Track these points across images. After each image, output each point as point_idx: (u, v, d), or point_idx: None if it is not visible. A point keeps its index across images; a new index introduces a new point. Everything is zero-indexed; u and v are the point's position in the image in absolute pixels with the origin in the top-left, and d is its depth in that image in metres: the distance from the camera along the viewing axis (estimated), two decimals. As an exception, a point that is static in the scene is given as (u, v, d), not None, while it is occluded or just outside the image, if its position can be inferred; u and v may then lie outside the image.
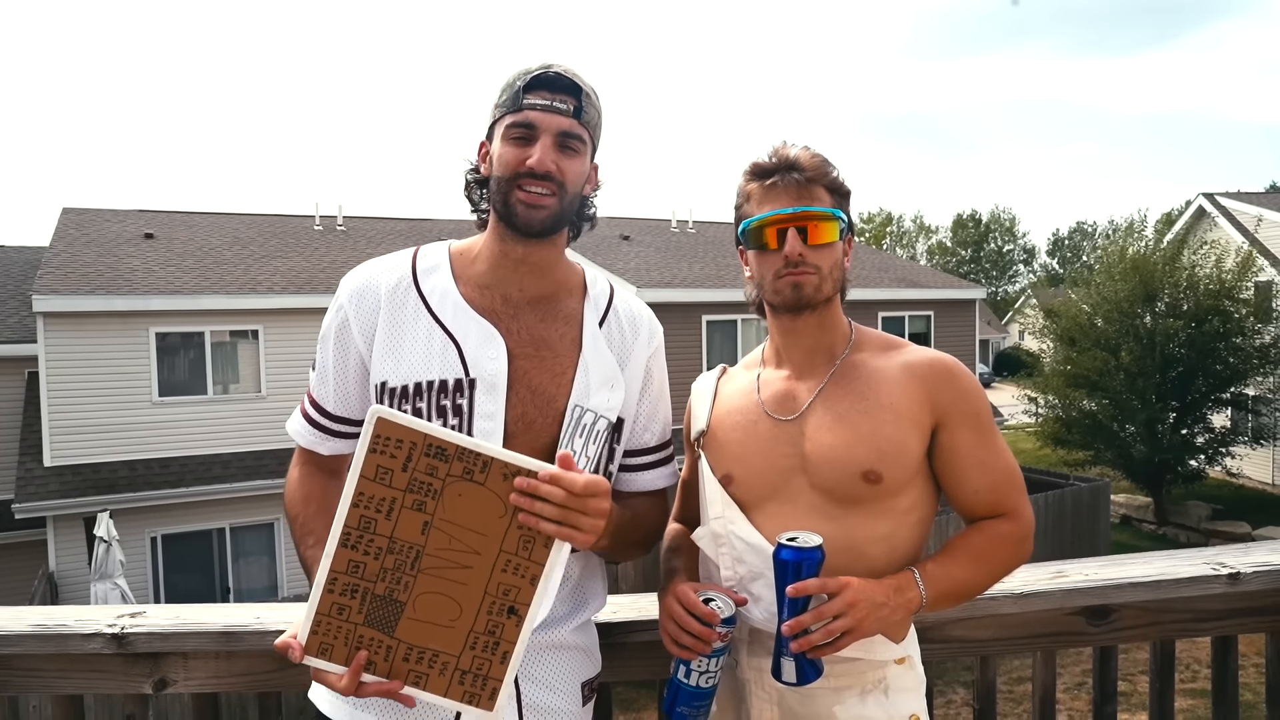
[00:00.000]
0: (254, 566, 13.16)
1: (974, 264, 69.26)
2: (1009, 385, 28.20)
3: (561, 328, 1.46)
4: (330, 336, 1.47)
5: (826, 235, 1.46)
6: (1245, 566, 1.81)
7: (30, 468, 12.00)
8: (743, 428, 1.52)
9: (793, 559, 1.30)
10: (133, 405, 12.51)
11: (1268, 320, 17.22)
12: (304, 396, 1.53)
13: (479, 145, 1.49)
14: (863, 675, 1.43)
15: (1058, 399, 17.88)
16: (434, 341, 1.40)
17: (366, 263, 1.50)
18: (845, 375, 1.49)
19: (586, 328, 1.47)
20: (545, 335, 1.44)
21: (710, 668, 1.39)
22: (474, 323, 1.41)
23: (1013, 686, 9.08)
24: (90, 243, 14.19)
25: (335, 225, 17.26)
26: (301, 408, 1.53)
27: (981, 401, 1.49)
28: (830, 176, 1.48)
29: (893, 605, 1.33)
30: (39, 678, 1.71)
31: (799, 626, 1.28)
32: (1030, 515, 1.48)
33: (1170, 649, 1.88)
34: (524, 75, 1.40)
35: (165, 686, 1.71)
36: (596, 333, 1.48)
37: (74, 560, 11.91)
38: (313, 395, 1.50)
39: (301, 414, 1.52)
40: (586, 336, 1.47)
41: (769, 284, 1.48)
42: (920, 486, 1.47)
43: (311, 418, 1.50)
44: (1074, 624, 1.80)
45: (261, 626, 1.67)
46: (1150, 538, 16.71)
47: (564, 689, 1.44)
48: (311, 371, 1.51)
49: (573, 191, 1.42)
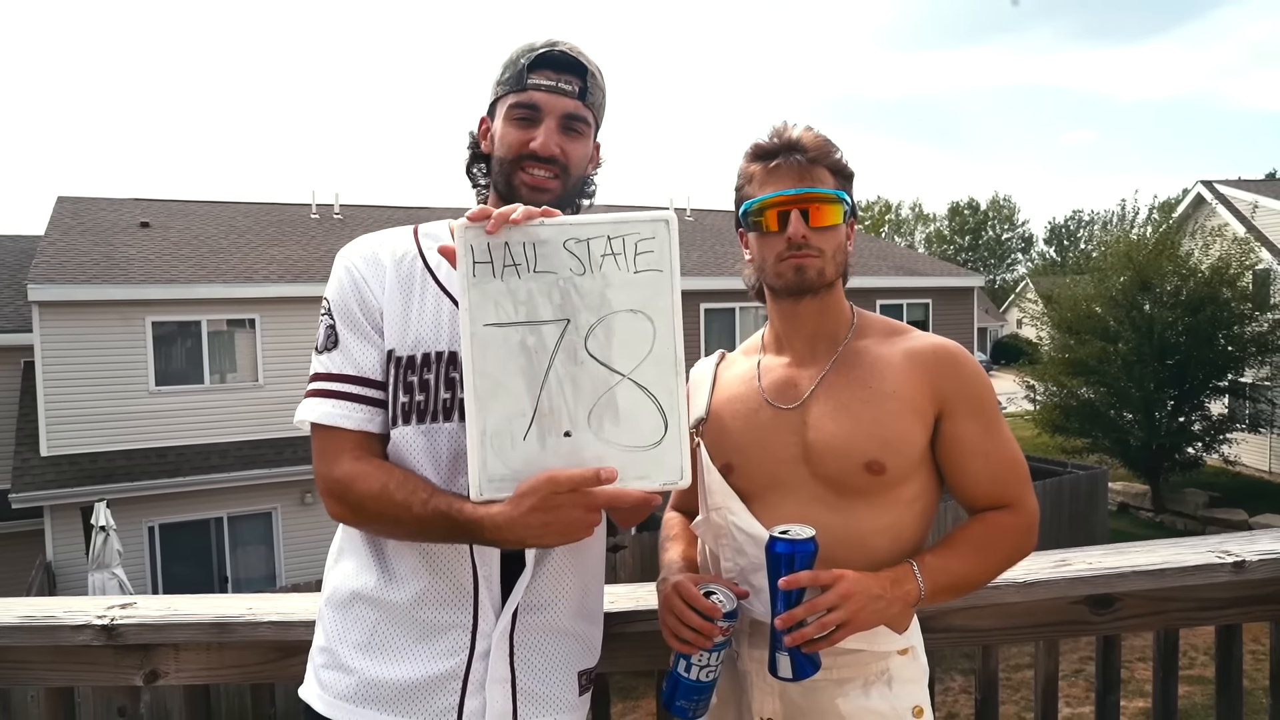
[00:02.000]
0: (252, 556, 13.15)
1: (972, 252, 69.23)
2: (1007, 373, 28.20)
3: None
4: (351, 300, 1.36)
5: (830, 217, 1.43)
6: (1250, 555, 1.79)
7: (27, 457, 11.97)
8: (743, 416, 1.49)
9: (785, 551, 1.27)
10: (129, 395, 12.47)
11: (1265, 308, 17.21)
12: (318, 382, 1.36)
13: (479, 120, 1.47)
14: (865, 666, 1.41)
15: (1056, 386, 17.88)
16: (442, 312, 1.37)
17: (362, 237, 1.46)
18: (848, 362, 1.47)
19: None
20: None
21: (711, 662, 1.37)
22: None
23: (1010, 674, 9.09)
24: (86, 231, 14.12)
25: (332, 214, 17.20)
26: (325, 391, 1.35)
27: (986, 390, 1.46)
28: (833, 158, 1.45)
29: (889, 598, 1.31)
30: (28, 670, 1.69)
31: (792, 620, 1.26)
32: (1034, 506, 1.45)
33: (1174, 638, 1.87)
34: (528, 53, 1.37)
35: (156, 678, 1.69)
36: None
37: (71, 550, 11.89)
38: (345, 372, 1.34)
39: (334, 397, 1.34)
40: None
41: (770, 267, 1.45)
42: (924, 476, 1.44)
43: (357, 395, 1.34)
44: (1077, 613, 1.78)
45: (254, 617, 1.65)
46: (1148, 525, 16.73)
47: (559, 677, 1.42)
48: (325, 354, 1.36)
49: (576, 174, 1.40)
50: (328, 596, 1.42)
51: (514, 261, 1.18)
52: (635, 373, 1.19)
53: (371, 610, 1.36)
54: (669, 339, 1.19)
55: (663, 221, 1.20)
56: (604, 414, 1.19)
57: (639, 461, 1.19)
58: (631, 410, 1.19)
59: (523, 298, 1.18)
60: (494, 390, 1.18)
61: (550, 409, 1.18)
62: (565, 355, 1.18)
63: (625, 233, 1.19)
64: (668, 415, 1.19)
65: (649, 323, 1.19)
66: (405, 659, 1.33)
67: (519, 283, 1.18)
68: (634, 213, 1.21)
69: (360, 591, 1.37)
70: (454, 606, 1.33)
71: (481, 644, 1.34)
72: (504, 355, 1.18)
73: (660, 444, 1.19)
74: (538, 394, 1.18)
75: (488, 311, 1.18)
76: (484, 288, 1.18)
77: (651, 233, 1.20)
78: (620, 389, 1.19)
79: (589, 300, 1.19)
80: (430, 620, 1.33)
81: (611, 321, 1.19)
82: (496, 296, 1.18)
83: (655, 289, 1.19)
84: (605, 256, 1.19)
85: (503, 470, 1.18)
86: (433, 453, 1.34)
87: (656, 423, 1.19)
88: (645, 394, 1.19)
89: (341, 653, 1.36)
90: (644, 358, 1.19)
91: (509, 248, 1.18)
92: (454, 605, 1.33)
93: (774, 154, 1.44)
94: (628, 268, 1.19)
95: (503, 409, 1.18)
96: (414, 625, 1.34)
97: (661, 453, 1.19)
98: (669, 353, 1.19)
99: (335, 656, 1.37)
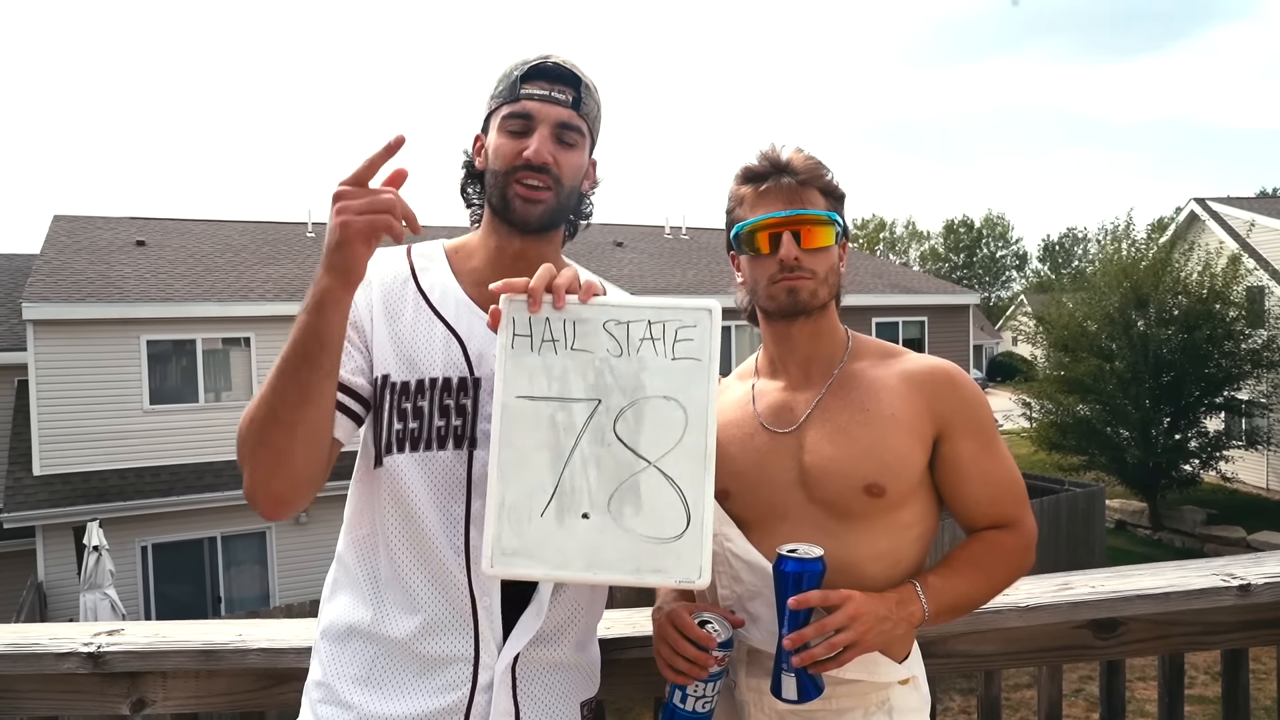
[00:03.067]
0: (245, 575, 13.05)
1: (967, 269, 69.45)
2: (1003, 390, 28.22)
3: None
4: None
5: (821, 239, 1.41)
6: (1256, 578, 1.76)
7: (19, 476, 11.90)
8: (739, 441, 1.47)
9: (794, 570, 1.25)
10: (123, 413, 12.42)
11: (1259, 324, 17.25)
12: None
13: (474, 139, 1.44)
14: (865, 696, 1.38)
15: (1052, 404, 17.88)
16: (435, 337, 1.34)
17: None
18: (844, 385, 1.45)
19: None
20: None
21: (707, 692, 1.34)
22: (479, 320, 1.34)
23: (1010, 693, 9.03)
24: (81, 250, 14.11)
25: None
26: None
27: (984, 410, 1.44)
28: (824, 179, 1.44)
29: (895, 619, 1.30)
30: (12, 699, 1.66)
31: (801, 640, 1.24)
32: (1033, 525, 1.45)
33: (1179, 663, 1.84)
34: (521, 65, 1.36)
35: (144, 707, 1.66)
36: None
37: (63, 570, 11.79)
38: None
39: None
40: None
41: (763, 289, 1.44)
42: (922, 500, 1.42)
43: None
44: (1081, 637, 1.75)
45: (243, 644, 1.62)
46: (1145, 543, 16.69)
47: (563, 710, 1.39)
48: None
49: (569, 185, 1.37)
50: (324, 629, 1.39)
51: (553, 337, 1.18)
52: (662, 461, 1.17)
53: (369, 644, 1.32)
54: (701, 431, 1.17)
55: (705, 310, 1.19)
56: (625, 500, 1.17)
57: (657, 554, 1.16)
58: (654, 500, 1.17)
59: (557, 374, 1.18)
60: (518, 463, 1.17)
61: (572, 488, 1.17)
62: (593, 435, 1.17)
63: (666, 318, 1.19)
64: (691, 509, 1.17)
65: (682, 411, 1.18)
66: (405, 693, 1.29)
67: (555, 359, 1.18)
68: (677, 299, 1.20)
69: (357, 626, 1.33)
70: (454, 639, 1.30)
71: (484, 676, 1.30)
72: (532, 429, 1.17)
73: (681, 538, 1.16)
74: (561, 471, 1.17)
75: (521, 384, 1.18)
76: (520, 360, 1.18)
77: (694, 320, 1.19)
78: (645, 476, 1.17)
79: (623, 383, 1.18)
80: (430, 654, 1.30)
81: (643, 406, 1.18)
82: (531, 370, 1.18)
83: (691, 378, 1.18)
84: (644, 340, 1.18)
85: (516, 543, 1.16)
86: (429, 480, 1.31)
87: (679, 515, 1.17)
88: (670, 484, 1.17)
89: (339, 687, 1.32)
90: (673, 447, 1.17)
91: (549, 323, 1.18)
92: (454, 637, 1.30)
93: (764, 176, 1.43)
94: (665, 354, 1.18)
95: (524, 483, 1.17)
96: (413, 659, 1.30)
97: (681, 547, 1.16)
98: (700, 445, 1.17)
99: (332, 691, 1.33)
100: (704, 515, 1.16)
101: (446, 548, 1.30)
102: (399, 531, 1.31)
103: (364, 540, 1.36)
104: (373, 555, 1.35)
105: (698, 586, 1.17)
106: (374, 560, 1.35)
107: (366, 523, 1.36)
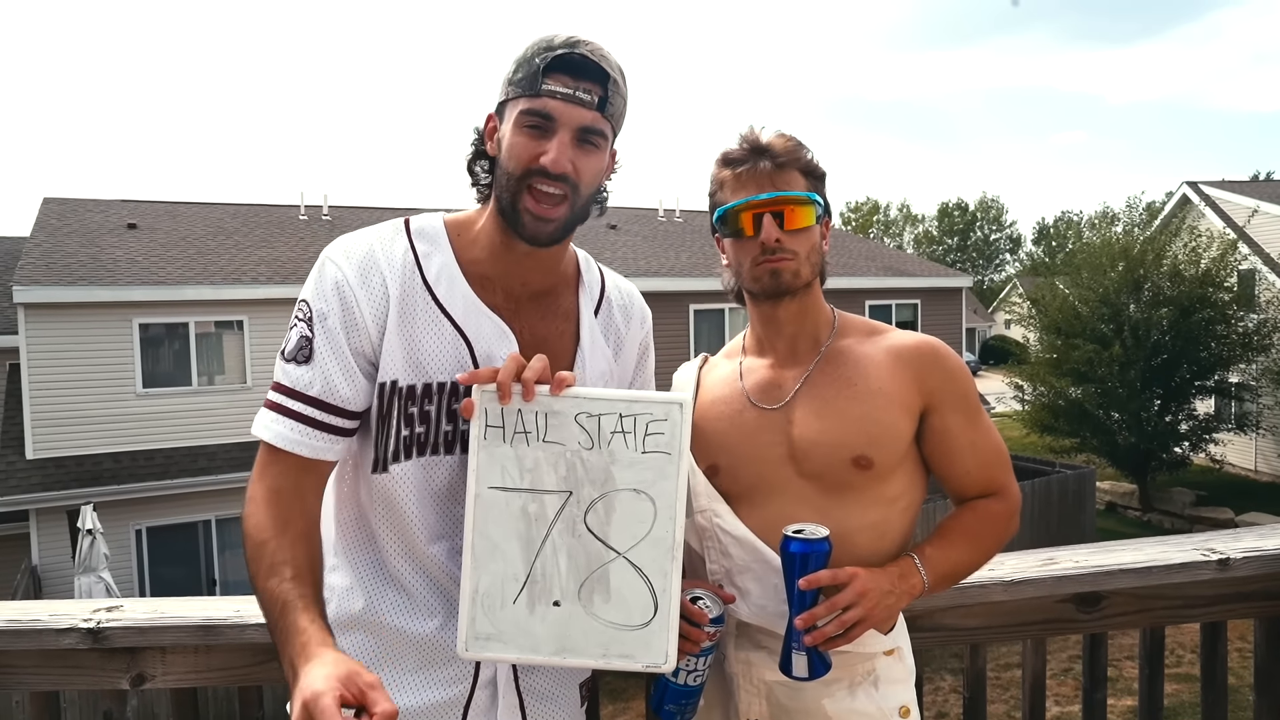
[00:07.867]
0: (240, 558, 12.73)
1: (960, 252, 69.46)
2: (996, 373, 28.31)
3: (561, 324, 1.39)
4: (335, 315, 1.25)
5: (803, 219, 1.43)
6: (1235, 552, 1.80)
7: (12, 460, 11.88)
8: (728, 417, 1.49)
9: (800, 551, 1.28)
10: (116, 397, 12.40)
11: (1250, 308, 17.32)
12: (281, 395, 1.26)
13: (486, 118, 1.34)
14: (852, 668, 1.41)
15: (1045, 387, 17.96)
16: (444, 338, 1.28)
17: (354, 236, 1.32)
18: (831, 361, 1.47)
19: (583, 320, 1.41)
20: (545, 334, 1.37)
21: (698, 666, 1.37)
22: (486, 320, 1.31)
23: (999, 673, 9.12)
24: (72, 233, 14.03)
25: (320, 215, 17.13)
26: (287, 409, 1.24)
27: (968, 383, 1.48)
28: (804, 160, 1.45)
29: (899, 592, 1.33)
30: (13, 674, 1.67)
31: (812, 619, 1.27)
32: (1017, 491, 1.50)
33: (1160, 635, 1.87)
34: (545, 53, 1.24)
35: (143, 682, 1.68)
36: (593, 323, 1.43)
37: (57, 554, 11.81)
38: (311, 393, 1.24)
39: (295, 419, 1.24)
40: (584, 331, 1.41)
41: (747, 271, 1.46)
42: (909, 472, 1.45)
43: (320, 421, 1.24)
44: (1065, 611, 1.78)
45: (241, 619, 1.64)
46: (1135, 524, 16.82)
47: (565, 698, 1.41)
48: (294, 364, 1.25)
49: (586, 192, 1.29)
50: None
51: (525, 429, 1.21)
52: (631, 552, 1.21)
53: (367, 636, 1.32)
54: (669, 522, 1.21)
55: (676, 404, 1.22)
56: (595, 589, 1.21)
57: (625, 640, 1.21)
58: (623, 589, 1.21)
59: (529, 465, 1.21)
60: (491, 551, 1.20)
61: (543, 576, 1.20)
62: (564, 526, 1.20)
63: (638, 412, 1.21)
64: (659, 598, 1.21)
65: (650, 504, 1.21)
66: (403, 688, 1.30)
67: (527, 450, 1.21)
68: (648, 393, 1.24)
69: (356, 616, 1.32)
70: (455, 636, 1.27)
71: (485, 672, 1.31)
72: (505, 519, 1.20)
73: (648, 625, 1.21)
74: (532, 561, 1.20)
75: (494, 475, 1.20)
76: (493, 451, 1.20)
77: (664, 414, 1.22)
78: (614, 566, 1.21)
79: (593, 475, 1.21)
80: (430, 648, 1.31)
81: (613, 499, 1.21)
82: (504, 461, 1.20)
83: (661, 471, 1.21)
84: (615, 434, 1.21)
85: (490, 629, 1.20)
86: (428, 486, 1.30)
87: (647, 604, 1.21)
88: (639, 574, 1.21)
89: None
90: (641, 538, 1.21)
91: (521, 415, 1.21)
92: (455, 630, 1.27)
93: (744, 159, 1.44)
94: (635, 447, 1.21)
95: (497, 571, 1.20)
96: (412, 652, 1.31)
97: (649, 634, 1.21)
98: (667, 536, 1.21)
99: None
100: (670, 604, 1.21)
101: (447, 548, 1.31)
102: (399, 532, 1.31)
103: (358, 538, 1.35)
104: (372, 554, 1.34)
105: (664, 670, 1.22)
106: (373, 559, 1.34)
107: (358, 519, 1.35)
